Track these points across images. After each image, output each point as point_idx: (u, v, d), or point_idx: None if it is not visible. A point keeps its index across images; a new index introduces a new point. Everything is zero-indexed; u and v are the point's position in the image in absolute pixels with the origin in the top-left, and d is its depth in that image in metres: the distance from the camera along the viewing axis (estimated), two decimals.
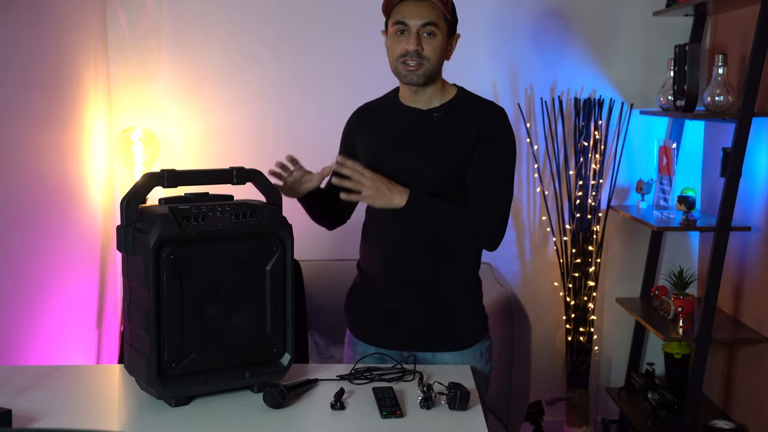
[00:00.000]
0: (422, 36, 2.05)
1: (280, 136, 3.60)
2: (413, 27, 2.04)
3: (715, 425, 3.06)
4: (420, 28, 2.04)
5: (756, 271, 3.17)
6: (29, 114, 2.80)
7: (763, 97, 3.01)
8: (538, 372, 3.52)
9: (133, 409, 1.87)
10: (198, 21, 3.57)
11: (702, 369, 3.02)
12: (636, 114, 3.62)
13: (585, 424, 3.62)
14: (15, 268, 2.67)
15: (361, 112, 2.28)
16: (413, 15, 2.05)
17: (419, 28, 2.04)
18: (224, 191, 1.93)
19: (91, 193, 3.32)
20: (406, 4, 2.06)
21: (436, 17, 2.05)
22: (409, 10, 2.05)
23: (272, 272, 1.88)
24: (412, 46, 2.04)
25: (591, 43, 3.60)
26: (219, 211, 1.84)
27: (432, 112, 2.13)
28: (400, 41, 2.06)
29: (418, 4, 2.05)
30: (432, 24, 2.04)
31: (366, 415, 1.80)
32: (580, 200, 3.55)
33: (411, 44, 2.04)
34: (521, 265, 3.70)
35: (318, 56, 3.59)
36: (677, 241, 3.68)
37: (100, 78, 3.46)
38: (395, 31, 2.07)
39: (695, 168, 3.63)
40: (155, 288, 1.75)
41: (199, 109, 3.60)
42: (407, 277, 2.15)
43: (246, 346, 1.87)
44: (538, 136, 3.62)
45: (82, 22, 3.28)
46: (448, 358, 2.15)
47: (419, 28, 2.04)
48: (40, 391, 1.91)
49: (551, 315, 3.71)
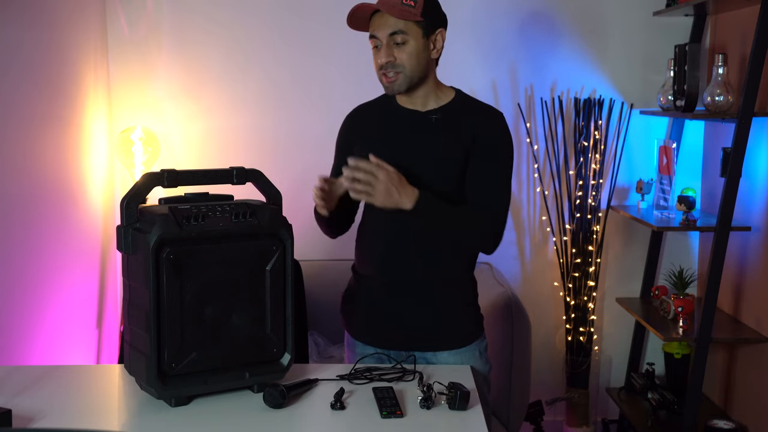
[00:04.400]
0: (392, 46, 2.06)
1: (280, 136, 3.60)
2: (383, 38, 2.07)
3: (715, 425, 3.06)
4: (388, 38, 2.06)
5: (756, 271, 3.17)
6: (29, 114, 2.80)
7: (763, 97, 3.01)
8: (538, 372, 3.53)
9: (133, 409, 1.87)
10: (198, 21, 3.57)
11: (702, 369, 3.02)
12: (636, 114, 3.62)
13: (585, 424, 3.62)
14: (15, 268, 2.67)
15: (356, 114, 2.27)
16: (380, 26, 2.07)
17: (388, 39, 2.06)
18: (224, 191, 1.93)
19: (91, 193, 3.32)
20: (375, 17, 2.09)
21: (402, 25, 2.05)
22: (376, 23, 2.08)
23: (272, 272, 1.88)
24: (383, 59, 2.07)
25: (591, 43, 3.60)
26: (219, 211, 1.84)
27: (430, 114, 2.13)
28: (377, 55, 2.10)
29: (383, 16, 2.07)
30: (399, 32, 2.05)
31: (366, 415, 1.80)
32: (580, 200, 3.55)
33: (382, 57, 2.07)
34: (521, 265, 3.70)
35: (318, 56, 3.59)
36: (677, 241, 3.68)
37: (100, 78, 3.46)
38: (373, 46, 2.11)
39: (695, 168, 3.63)
40: (155, 288, 1.75)
41: (199, 109, 3.60)
42: (402, 279, 2.15)
43: (246, 346, 1.87)
44: (538, 136, 3.62)
45: (82, 22, 3.28)
46: (447, 357, 2.16)
47: (387, 38, 2.06)
48: (40, 391, 1.91)
49: (551, 315, 3.71)
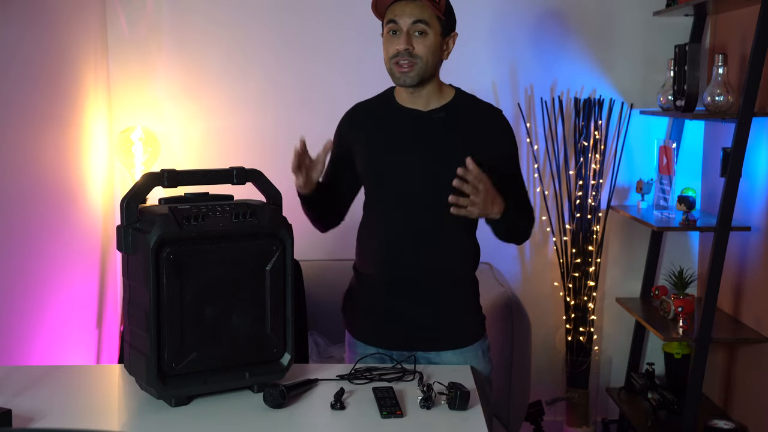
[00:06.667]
0: (413, 35, 2.05)
1: (280, 136, 3.60)
2: (404, 26, 2.05)
3: (715, 425, 3.05)
4: (410, 26, 2.04)
5: (756, 271, 3.17)
6: (29, 114, 2.80)
7: (763, 97, 3.01)
8: (538, 372, 3.52)
9: (133, 409, 1.87)
10: (198, 21, 3.57)
11: (702, 369, 3.02)
12: (636, 114, 3.62)
13: (585, 424, 3.62)
14: (15, 267, 2.67)
15: (355, 112, 2.26)
16: (404, 14, 2.05)
17: (410, 27, 2.04)
18: (224, 191, 1.93)
19: (91, 193, 3.32)
20: (398, 4, 2.06)
21: (427, 16, 2.05)
22: (400, 10, 2.05)
23: (272, 272, 1.88)
24: (402, 45, 2.04)
25: (591, 43, 3.60)
26: (219, 211, 1.84)
27: (433, 113, 2.13)
28: (393, 41, 2.07)
29: (410, 4, 2.05)
30: (422, 22, 2.04)
31: (366, 415, 1.80)
32: (580, 200, 3.55)
33: (401, 43, 2.04)
34: (521, 265, 3.70)
35: (318, 56, 3.59)
36: (677, 241, 3.68)
37: (100, 78, 3.46)
38: (388, 32, 2.08)
39: (695, 168, 3.63)
40: (155, 288, 1.75)
41: (199, 109, 3.60)
42: (403, 278, 2.15)
43: (246, 346, 1.87)
44: (538, 136, 3.62)
45: (82, 21, 3.28)
46: (450, 358, 2.16)
47: (410, 26, 2.04)
48: (40, 391, 1.91)
49: (551, 315, 3.71)
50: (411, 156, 2.12)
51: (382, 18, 2.11)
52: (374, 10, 2.11)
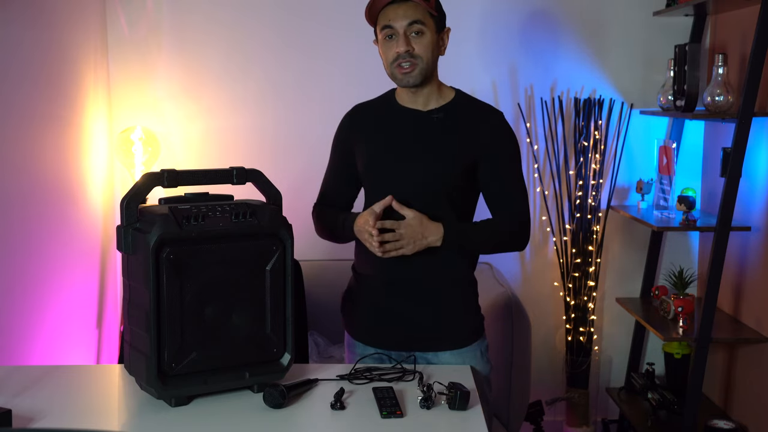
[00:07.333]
0: (410, 36, 2.06)
1: (280, 136, 3.60)
2: (400, 29, 2.06)
3: (715, 425, 3.05)
4: (407, 28, 2.05)
5: (756, 271, 3.17)
6: (29, 114, 2.80)
7: (763, 97, 3.01)
8: (538, 372, 3.52)
9: (133, 409, 1.87)
10: (198, 21, 3.57)
11: (702, 369, 3.02)
12: (636, 114, 3.62)
13: (585, 424, 3.62)
14: (15, 267, 2.67)
15: (356, 113, 2.26)
16: (398, 17, 2.06)
17: (406, 29, 2.06)
18: (224, 191, 1.93)
19: (91, 193, 3.32)
20: (390, 8, 2.07)
21: (421, 15, 2.06)
22: (393, 13, 2.06)
23: (272, 272, 1.88)
24: (402, 48, 2.05)
25: (591, 43, 3.60)
26: (219, 211, 1.84)
27: (432, 113, 2.13)
28: (391, 45, 2.08)
29: (402, 6, 2.06)
30: (418, 22, 2.05)
31: (366, 415, 1.80)
32: (580, 200, 3.55)
33: (401, 46, 2.05)
34: (521, 265, 3.70)
35: (319, 56, 3.59)
36: (677, 241, 3.68)
37: (100, 78, 3.46)
38: (384, 37, 2.09)
39: (695, 168, 3.63)
40: (155, 288, 1.75)
41: (199, 109, 3.60)
42: (402, 278, 2.15)
43: (246, 346, 1.87)
44: (538, 136, 3.62)
45: (82, 21, 3.28)
46: (448, 358, 2.16)
47: (406, 28, 2.05)
48: (40, 391, 1.91)
49: (551, 315, 3.71)
50: (410, 156, 2.12)
51: (374, 24, 2.12)
52: (367, 16, 2.12)
